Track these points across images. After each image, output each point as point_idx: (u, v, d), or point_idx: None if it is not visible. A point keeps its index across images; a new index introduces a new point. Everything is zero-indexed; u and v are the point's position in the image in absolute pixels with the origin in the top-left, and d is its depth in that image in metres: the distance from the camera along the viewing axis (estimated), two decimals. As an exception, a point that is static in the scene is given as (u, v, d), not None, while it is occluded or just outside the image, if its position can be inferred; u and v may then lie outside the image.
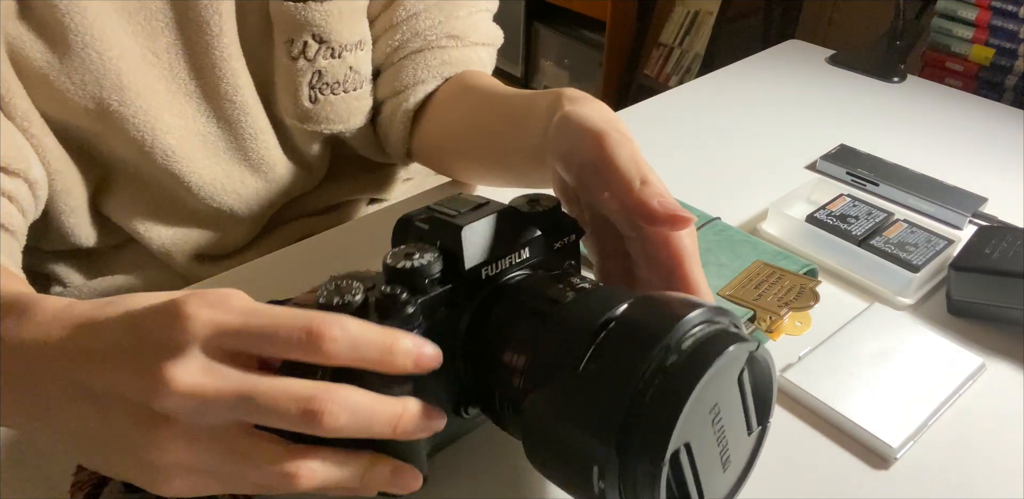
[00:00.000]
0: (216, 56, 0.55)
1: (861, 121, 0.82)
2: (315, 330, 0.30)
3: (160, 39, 0.54)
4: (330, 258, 0.61)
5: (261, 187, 0.63)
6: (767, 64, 0.95)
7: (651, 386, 0.31)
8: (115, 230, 0.62)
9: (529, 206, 0.41)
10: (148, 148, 0.55)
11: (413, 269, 0.35)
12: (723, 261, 0.54)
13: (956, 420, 0.48)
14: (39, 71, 0.50)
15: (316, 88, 0.59)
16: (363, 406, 0.31)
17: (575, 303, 0.36)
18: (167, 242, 0.62)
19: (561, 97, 0.47)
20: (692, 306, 0.33)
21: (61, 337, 0.32)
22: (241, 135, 0.60)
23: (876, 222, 0.61)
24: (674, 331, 0.32)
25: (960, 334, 0.55)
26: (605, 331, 0.33)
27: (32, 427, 0.34)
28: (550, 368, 0.34)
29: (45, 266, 0.63)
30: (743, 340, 0.33)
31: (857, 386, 0.49)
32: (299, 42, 0.57)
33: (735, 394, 0.34)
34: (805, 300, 0.50)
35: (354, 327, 0.31)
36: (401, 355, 0.32)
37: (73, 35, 0.50)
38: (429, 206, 0.39)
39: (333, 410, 0.30)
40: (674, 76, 2.19)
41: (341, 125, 0.62)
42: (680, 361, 0.31)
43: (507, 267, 0.39)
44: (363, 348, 0.31)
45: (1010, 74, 1.12)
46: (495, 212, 0.38)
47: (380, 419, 0.31)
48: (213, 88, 0.57)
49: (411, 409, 0.33)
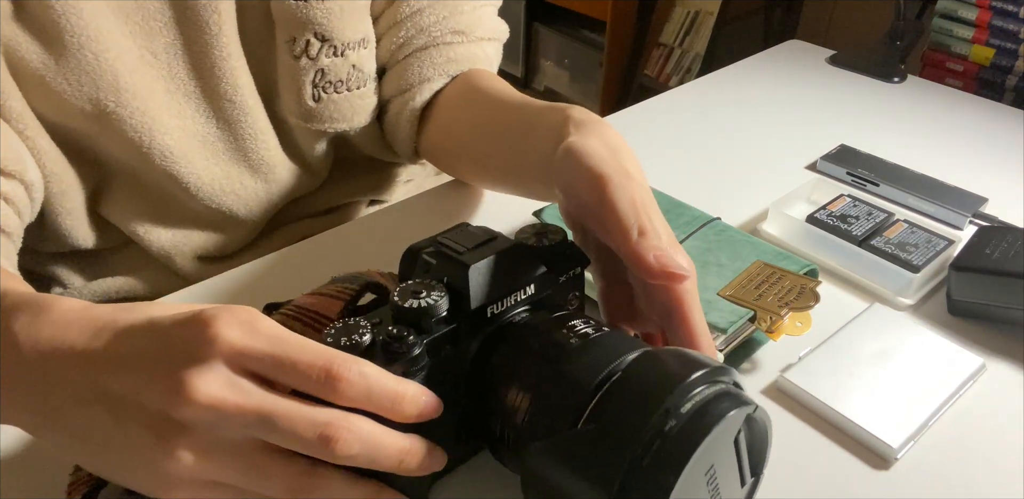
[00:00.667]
0: (215, 56, 0.55)
1: (861, 121, 0.82)
2: (334, 372, 0.31)
3: (158, 39, 0.54)
4: (330, 259, 0.61)
5: (261, 189, 0.63)
6: (767, 64, 0.95)
7: (649, 451, 0.31)
8: (114, 232, 0.62)
9: (536, 239, 0.41)
10: (146, 149, 0.55)
11: (420, 308, 0.36)
12: (723, 261, 0.54)
13: (956, 420, 0.48)
14: (35, 72, 0.50)
15: (319, 87, 0.59)
16: (375, 438, 0.32)
17: (577, 353, 0.36)
18: (167, 244, 0.62)
19: (568, 121, 0.46)
20: (693, 366, 0.34)
21: (81, 339, 0.32)
22: (241, 135, 0.59)
23: (876, 222, 0.61)
24: (674, 395, 0.32)
25: (960, 334, 0.55)
26: (604, 389, 0.34)
27: (37, 426, 0.34)
28: (550, 421, 0.35)
29: (45, 268, 0.63)
30: (742, 404, 0.33)
31: (857, 386, 0.49)
32: (301, 40, 0.57)
33: (731, 454, 0.35)
34: (805, 300, 0.50)
35: (371, 373, 0.32)
36: (408, 405, 0.33)
37: (69, 36, 0.49)
38: (437, 239, 0.39)
39: (348, 438, 0.31)
40: (674, 76, 2.19)
41: (345, 124, 0.62)
42: (679, 426, 0.32)
43: (512, 304, 0.40)
44: (376, 395, 0.32)
45: (1010, 74, 1.12)
46: (502, 250, 0.38)
47: (388, 452, 0.33)
48: (212, 88, 0.57)
49: (416, 447, 0.34)
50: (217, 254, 0.66)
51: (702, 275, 0.53)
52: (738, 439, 0.34)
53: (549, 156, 0.45)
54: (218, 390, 0.30)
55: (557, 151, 0.43)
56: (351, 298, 0.45)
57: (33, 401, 0.33)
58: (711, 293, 0.51)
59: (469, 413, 0.39)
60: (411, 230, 0.65)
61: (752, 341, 0.53)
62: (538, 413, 0.36)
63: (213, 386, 0.30)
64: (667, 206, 0.60)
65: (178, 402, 0.29)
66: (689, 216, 0.59)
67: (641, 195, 0.39)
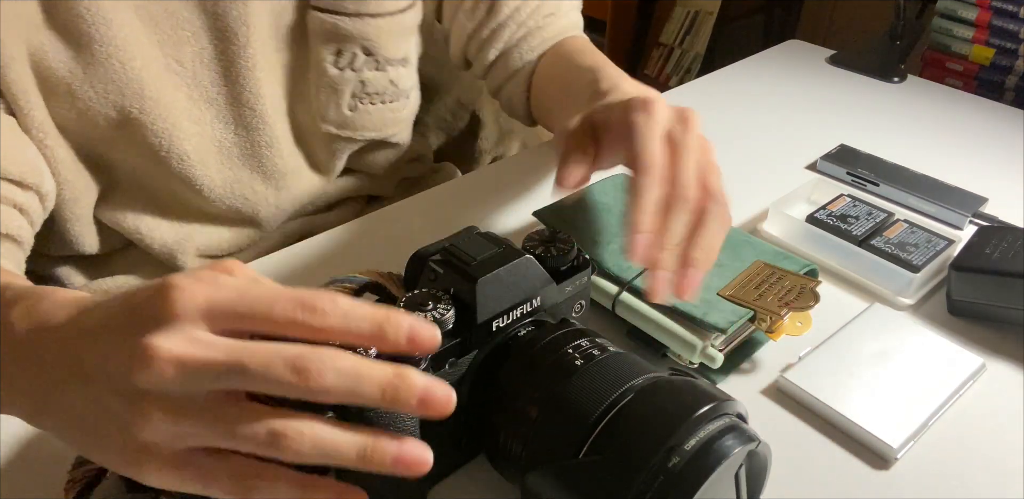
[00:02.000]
0: (241, 65, 0.57)
1: (861, 121, 0.82)
2: (308, 303, 0.30)
3: (186, 48, 0.55)
4: (331, 258, 0.61)
5: (271, 194, 0.64)
6: (767, 64, 0.95)
7: (651, 488, 0.31)
8: (116, 234, 0.62)
9: (544, 248, 0.41)
10: (164, 153, 0.56)
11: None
12: (723, 261, 0.54)
13: (956, 420, 0.48)
14: (62, 80, 0.51)
15: (358, 97, 0.63)
16: (353, 365, 0.29)
17: (581, 377, 0.36)
18: (169, 241, 0.63)
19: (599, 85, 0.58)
20: (699, 400, 0.33)
21: (63, 319, 0.33)
22: (257, 143, 0.61)
23: (876, 222, 0.61)
24: (679, 432, 0.32)
25: (960, 334, 0.55)
26: (608, 418, 0.34)
27: (33, 413, 0.34)
28: (552, 446, 0.35)
29: (47, 269, 0.64)
30: (747, 440, 0.33)
31: (857, 386, 0.49)
32: (348, 53, 0.60)
33: (731, 488, 0.35)
34: (805, 300, 0.50)
35: (346, 301, 0.30)
36: (393, 328, 0.30)
37: (98, 46, 0.51)
38: (446, 246, 0.39)
39: (321, 368, 0.29)
40: (674, 76, 2.19)
41: (375, 133, 0.66)
42: (683, 463, 0.32)
43: (519, 317, 0.40)
44: (355, 320, 0.30)
45: (1010, 74, 1.12)
46: (510, 261, 0.38)
47: (371, 381, 0.30)
48: (235, 96, 0.58)
49: (408, 378, 0.30)
50: (219, 253, 0.66)
51: (702, 275, 0.53)
52: (739, 473, 0.34)
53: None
54: (180, 348, 0.29)
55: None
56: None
57: (29, 386, 0.33)
58: (711, 293, 0.51)
59: (470, 423, 0.40)
60: (412, 230, 0.65)
61: (752, 341, 0.53)
62: (540, 437, 0.36)
63: (175, 345, 0.29)
64: (667, 206, 0.60)
65: (140, 366, 0.29)
66: (689, 216, 0.59)
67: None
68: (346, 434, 0.30)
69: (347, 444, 0.30)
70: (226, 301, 0.30)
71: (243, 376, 0.29)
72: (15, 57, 0.49)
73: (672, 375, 0.37)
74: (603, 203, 0.60)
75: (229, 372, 0.29)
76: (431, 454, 0.31)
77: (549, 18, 0.69)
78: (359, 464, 0.30)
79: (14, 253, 0.51)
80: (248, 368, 0.29)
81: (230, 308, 0.30)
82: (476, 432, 0.39)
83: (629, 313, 0.51)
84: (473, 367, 0.39)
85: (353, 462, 0.30)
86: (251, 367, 0.29)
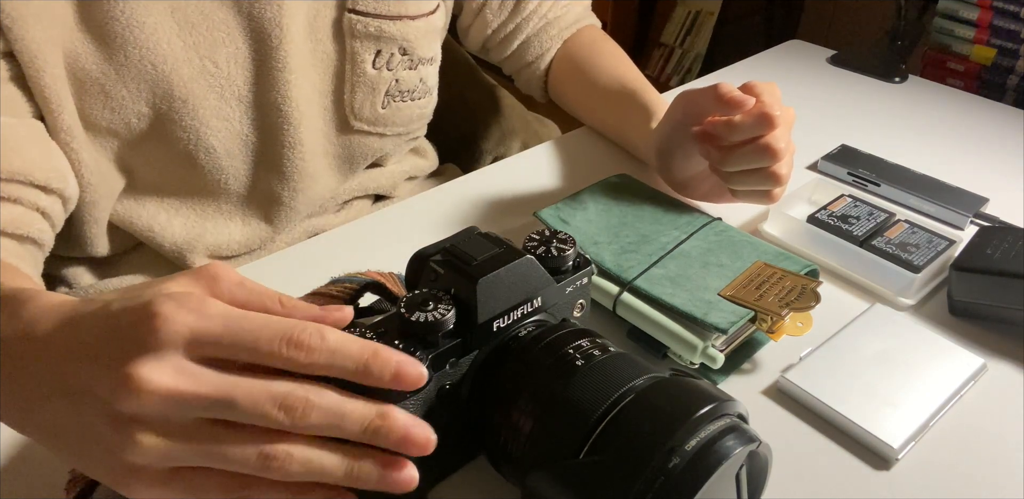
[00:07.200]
0: (272, 67, 0.58)
1: (862, 121, 0.82)
2: (295, 338, 0.30)
3: (221, 49, 0.56)
4: (336, 257, 0.62)
5: (285, 195, 0.65)
6: (768, 64, 0.95)
7: (652, 488, 0.31)
8: (128, 236, 0.63)
9: (544, 248, 0.41)
10: (192, 146, 0.58)
11: (427, 323, 0.35)
12: (724, 262, 0.54)
13: (957, 421, 0.48)
14: (96, 81, 0.53)
15: (391, 95, 0.65)
16: (336, 404, 0.31)
17: (582, 377, 0.36)
18: (180, 241, 0.63)
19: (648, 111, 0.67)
20: (700, 400, 0.33)
21: (46, 331, 0.32)
22: (280, 143, 0.62)
23: (877, 222, 0.61)
24: (680, 432, 0.32)
25: (961, 335, 0.55)
26: (609, 419, 0.34)
27: (18, 422, 0.34)
28: (553, 447, 0.35)
29: (57, 269, 0.64)
30: (747, 441, 0.33)
31: (858, 387, 0.49)
32: (386, 54, 0.63)
33: (731, 488, 0.35)
34: (806, 300, 0.50)
35: (333, 335, 0.31)
36: (379, 365, 0.31)
37: (132, 48, 0.52)
38: (446, 247, 0.39)
39: (306, 407, 0.30)
40: (675, 76, 2.19)
41: (402, 128, 0.69)
42: (683, 464, 0.32)
43: (519, 318, 0.40)
44: (340, 356, 0.31)
45: (1011, 74, 1.12)
46: (510, 261, 0.38)
47: (353, 418, 0.31)
48: (264, 97, 0.59)
49: (389, 416, 0.31)
50: (228, 254, 0.67)
51: (703, 275, 0.53)
52: (739, 474, 0.34)
53: (645, 136, 0.66)
54: (168, 380, 0.29)
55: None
56: (350, 297, 0.45)
57: (12, 396, 0.33)
58: (712, 293, 0.51)
59: (470, 423, 0.39)
60: (413, 230, 0.65)
61: (753, 341, 0.53)
62: (541, 437, 0.36)
63: (161, 376, 0.29)
64: (667, 206, 0.60)
65: (126, 395, 0.29)
66: (690, 216, 0.59)
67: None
68: (334, 455, 0.31)
69: (334, 465, 0.31)
70: (210, 332, 0.30)
71: (231, 410, 0.30)
72: (51, 61, 0.50)
73: (673, 375, 0.37)
74: (603, 203, 0.60)
75: (217, 405, 0.30)
76: (417, 474, 0.32)
77: (565, 8, 0.78)
78: (347, 483, 0.32)
79: (34, 255, 0.52)
80: (237, 404, 0.30)
81: (214, 339, 0.30)
82: (476, 432, 0.39)
83: (629, 313, 0.51)
84: (474, 367, 0.39)
85: (341, 481, 0.31)
86: (240, 403, 0.30)
